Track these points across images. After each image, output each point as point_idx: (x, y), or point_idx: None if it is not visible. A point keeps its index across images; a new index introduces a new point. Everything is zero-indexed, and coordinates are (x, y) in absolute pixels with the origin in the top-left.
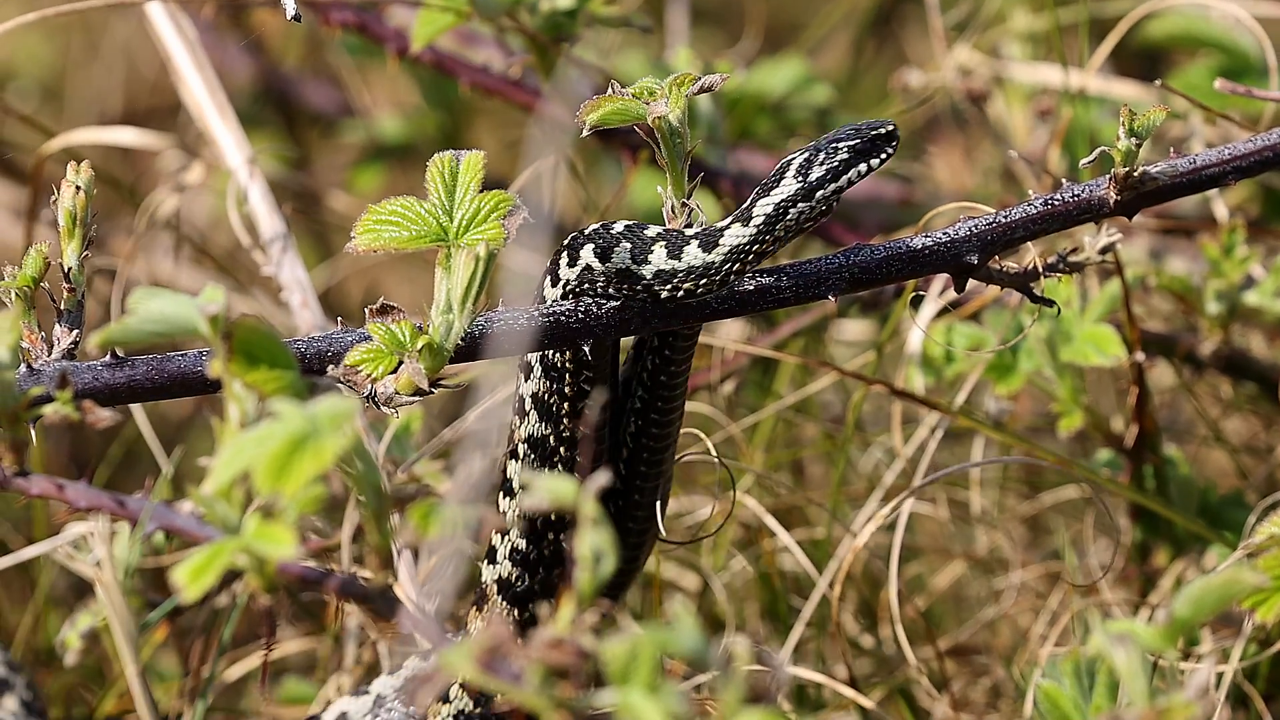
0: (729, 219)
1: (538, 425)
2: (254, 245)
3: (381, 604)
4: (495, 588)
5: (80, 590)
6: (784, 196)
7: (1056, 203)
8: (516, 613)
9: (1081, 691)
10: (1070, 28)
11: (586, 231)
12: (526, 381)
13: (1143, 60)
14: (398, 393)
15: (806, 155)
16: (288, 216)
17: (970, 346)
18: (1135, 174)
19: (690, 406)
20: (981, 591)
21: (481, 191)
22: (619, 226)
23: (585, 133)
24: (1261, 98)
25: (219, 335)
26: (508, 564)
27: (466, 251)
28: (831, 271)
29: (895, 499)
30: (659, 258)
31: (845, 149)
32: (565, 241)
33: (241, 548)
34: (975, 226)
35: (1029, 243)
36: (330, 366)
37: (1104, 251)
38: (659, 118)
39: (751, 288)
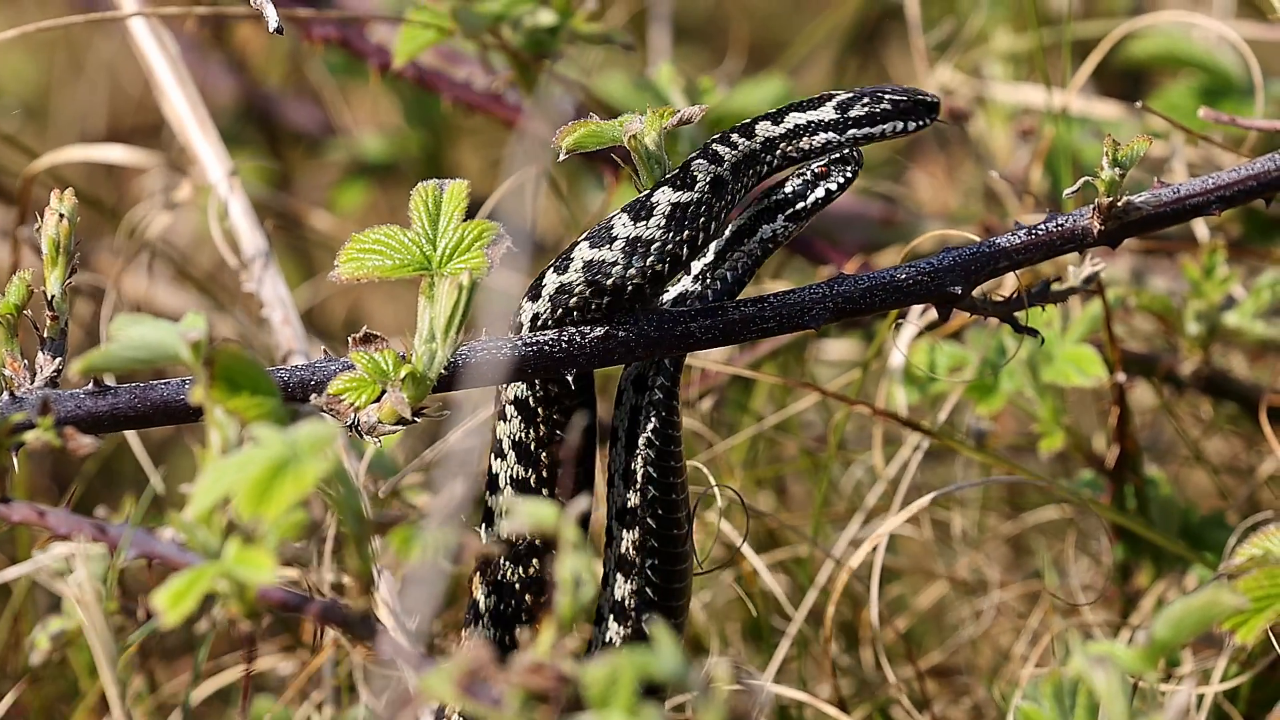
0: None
1: (516, 467)
2: (236, 262)
3: (362, 629)
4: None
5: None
6: (817, 119)
7: (1040, 232)
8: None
9: (1062, 713)
10: (1052, 48)
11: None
12: (502, 422)
13: (1125, 80)
14: (380, 421)
15: (852, 94)
16: (269, 233)
17: (952, 366)
18: (1119, 204)
19: None
20: (963, 612)
21: (465, 217)
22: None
23: (562, 157)
24: (1245, 126)
25: (201, 362)
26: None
27: (450, 280)
28: (815, 301)
29: (877, 520)
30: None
31: (889, 102)
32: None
33: (222, 573)
34: (959, 256)
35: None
36: (313, 395)
37: (1088, 281)
38: (636, 142)
39: (736, 317)
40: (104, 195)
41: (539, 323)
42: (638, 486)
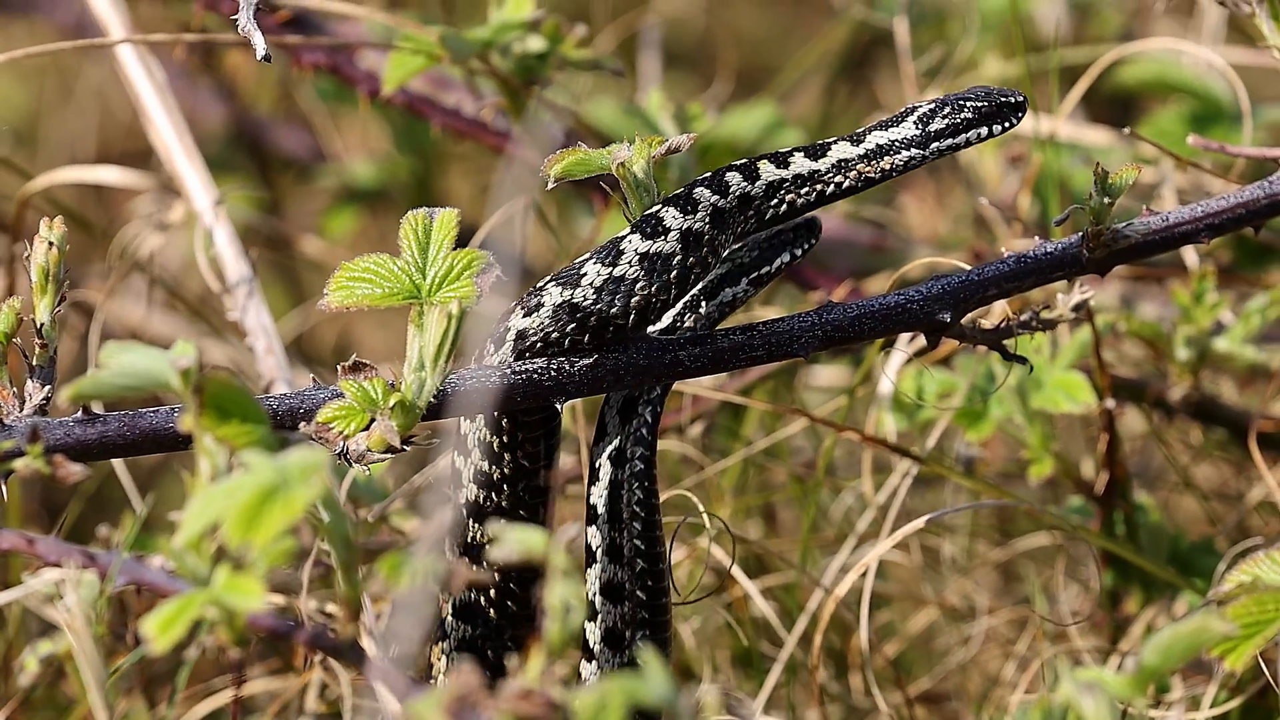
0: (836, 138)
1: (479, 493)
2: (221, 290)
3: (350, 655)
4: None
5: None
6: (900, 137)
7: (1029, 260)
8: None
9: None
10: (1041, 74)
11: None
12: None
13: (1115, 106)
14: (369, 449)
15: (932, 107)
16: (254, 261)
17: (942, 393)
18: (1108, 232)
19: (660, 449)
20: (952, 638)
21: (455, 245)
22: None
23: (550, 185)
24: (1234, 154)
25: (190, 389)
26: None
27: (439, 309)
28: (804, 330)
29: (866, 546)
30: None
31: (970, 109)
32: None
33: (211, 600)
34: (948, 284)
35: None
36: (302, 423)
37: (1077, 309)
38: (625, 170)
39: (725, 345)
40: (95, 220)
41: (527, 341)
42: (624, 562)
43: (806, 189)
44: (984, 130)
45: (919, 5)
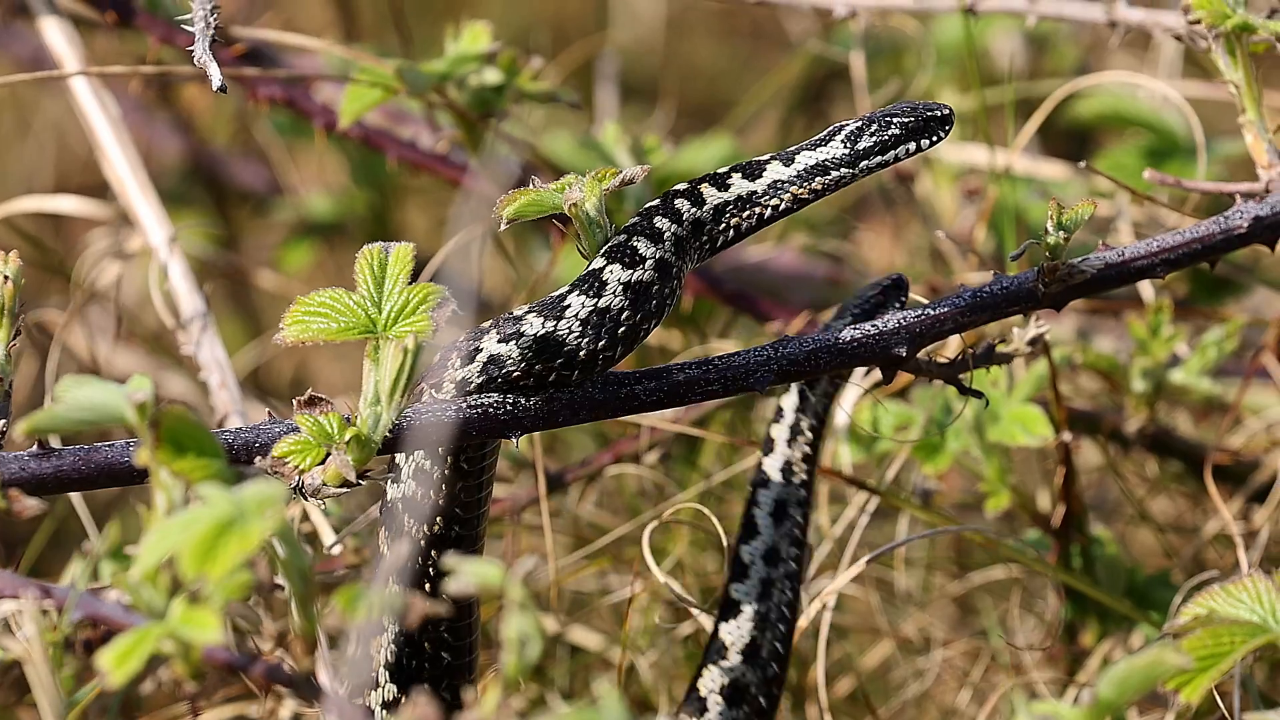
0: (769, 156)
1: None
2: (176, 325)
3: (306, 689)
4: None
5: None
6: (829, 156)
7: (985, 295)
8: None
9: None
10: (998, 107)
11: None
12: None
13: (1071, 139)
14: (325, 484)
15: (859, 124)
16: (209, 295)
17: (898, 425)
18: (1064, 267)
19: (618, 483)
20: (908, 670)
21: (411, 277)
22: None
23: (503, 226)
24: (1189, 188)
25: (146, 423)
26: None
27: (395, 344)
28: (760, 363)
29: (823, 578)
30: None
31: (898, 125)
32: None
33: (167, 633)
34: (904, 319)
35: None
36: (258, 457)
37: (1033, 343)
38: (577, 210)
39: (680, 379)
40: (52, 251)
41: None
42: (759, 664)
43: (747, 212)
44: (912, 145)
45: (875, 39)
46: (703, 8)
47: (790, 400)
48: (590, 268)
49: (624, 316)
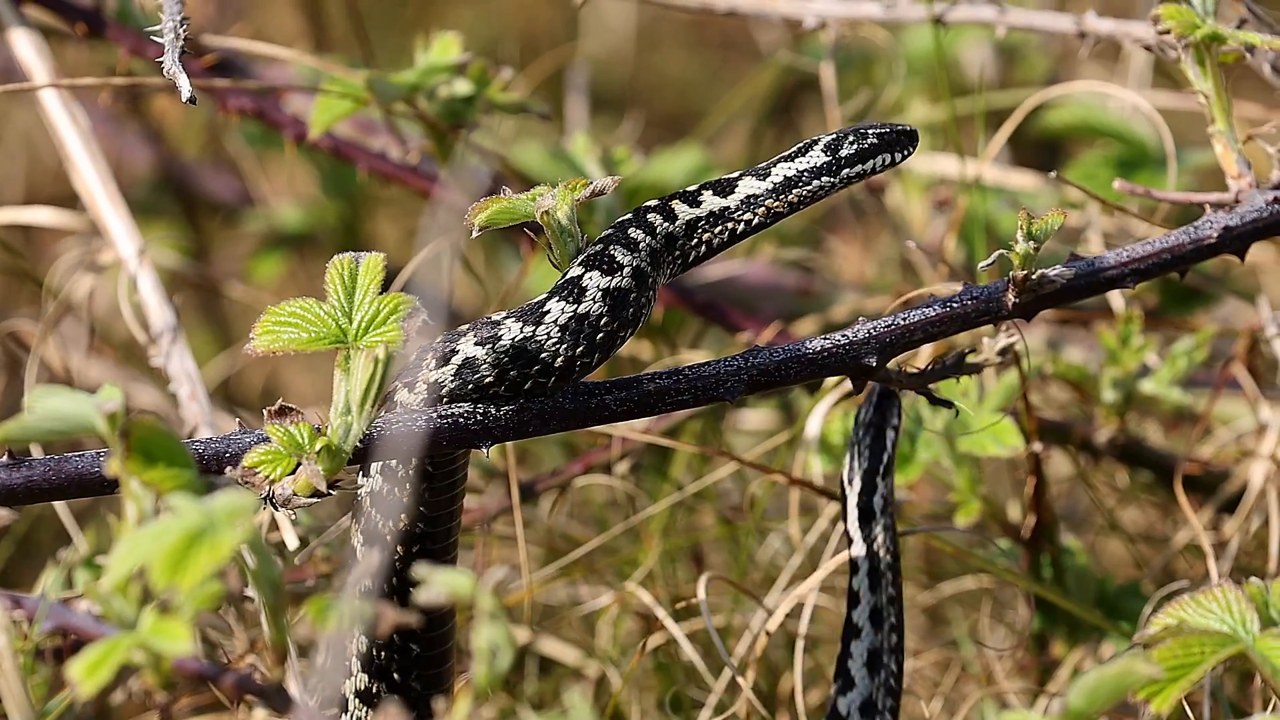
0: (740, 173)
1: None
2: (145, 337)
3: (277, 700)
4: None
5: None
6: (810, 166)
7: (955, 305)
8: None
9: None
10: (968, 118)
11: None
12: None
13: (1041, 150)
14: (296, 494)
15: (835, 135)
16: (178, 307)
17: None
18: (1034, 277)
19: (589, 494)
20: None
21: (382, 287)
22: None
23: (475, 234)
24: (1159, 199)
25: (116, 434)
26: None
27: (365, 354)
28: (730, 374)
29: (796, 589)
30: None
31: (875, 135)
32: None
33: (138, 644)
34: (874, 329)
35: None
36: (229, 468)
37: (1002, 353)
38: (549, 218)
39: (650, 389)
40: (22, 260)
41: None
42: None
43: (719, 227)
44: (888, 157)
45: (845, 50)
46: (673, 19)
47: (859, 548)
48: (569, 275)
49: (603, 323)
